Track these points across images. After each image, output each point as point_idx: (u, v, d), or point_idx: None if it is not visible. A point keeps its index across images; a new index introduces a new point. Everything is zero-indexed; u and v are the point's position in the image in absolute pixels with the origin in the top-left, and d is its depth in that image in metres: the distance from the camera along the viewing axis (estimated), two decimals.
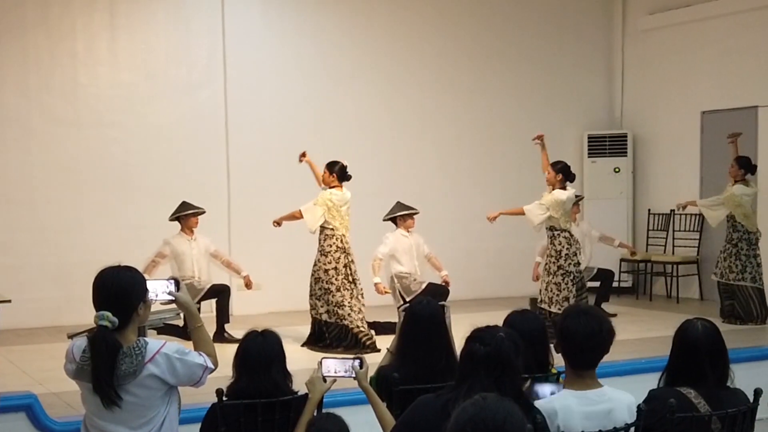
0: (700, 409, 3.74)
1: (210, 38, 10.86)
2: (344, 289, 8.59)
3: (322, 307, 8.59)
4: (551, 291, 8.86)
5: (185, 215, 9.00)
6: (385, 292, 9.13)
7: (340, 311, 8.54)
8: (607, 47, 13.06)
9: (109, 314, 3.36)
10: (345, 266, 8.63)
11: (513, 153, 12.34)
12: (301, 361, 7.37)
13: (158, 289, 3.60)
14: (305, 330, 8.87)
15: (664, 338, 4.04)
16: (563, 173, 8.93)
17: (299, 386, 4.08)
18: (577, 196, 10.65)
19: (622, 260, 12.11)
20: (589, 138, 12.73)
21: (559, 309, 8.46)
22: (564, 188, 8.93)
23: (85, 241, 10.13)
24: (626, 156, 12.68)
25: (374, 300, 9.56)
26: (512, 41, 12.42)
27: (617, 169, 12.68)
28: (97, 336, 3.36)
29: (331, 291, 8.58)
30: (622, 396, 3.65)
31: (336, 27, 11.49)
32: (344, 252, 8.66)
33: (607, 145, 12.70)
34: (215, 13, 10.84)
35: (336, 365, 4.03)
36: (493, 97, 12.29)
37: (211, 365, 3.55)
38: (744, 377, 4.18)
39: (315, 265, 8.67)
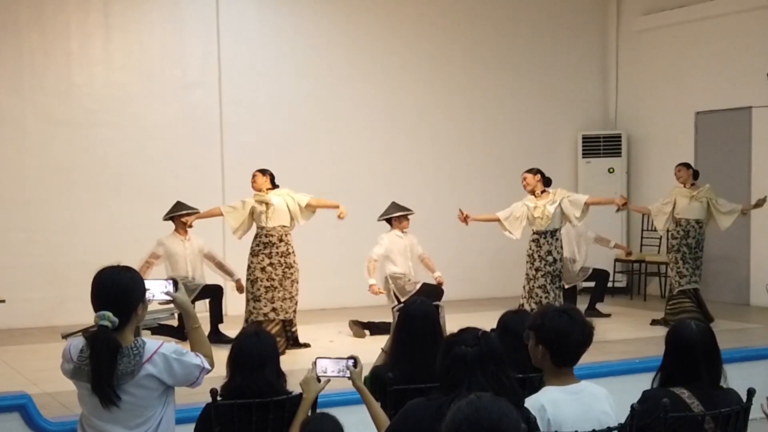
0: (693, 409, 3.76)
1: (204, 38, 10.85)
2: None
3: (290, 307, 8.54)
4: (538, 296, 8.85)
5: (179, 215, 8.99)
6: (380, 293, 9.13)
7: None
8: (601, 48, 13.08)
9: (110, 314, 3.36)
10: None
11: (508, 152, 12.36)
12: (295, 362, 7.39)
13: (156, 289, 3.61)
14: (305, 329, 8.87)
15: (659, 338, 4.06)
16: (542, 175, 9.07)
17: (293, 386, 4.09)
18: None
19: (616, 260, 12.13)
20: (583, 138, 12.75)
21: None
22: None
23: (78, 241, 10.11)
24: (620, 156, 12.70)
25: (369, 300, 9.58)
26: (508, 41, 12.43)
27: (611, 170, 12.70)
28: (98, 336, 3.36)
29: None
30: (597, 389, 3.68)
31: (331, 26, 11.49)
32: None
33: (601, 146, 12.72)
34: (210, 12, 10.84)
35: (330, 365, 4.03)
36: (488, 97, 12.30)
37: (207, 366, 3.56)
38: (737, 377, 4.20)
39: (291, 267, 8.55)
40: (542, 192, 9.00)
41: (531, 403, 3.49)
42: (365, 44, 11.64)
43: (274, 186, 8.77)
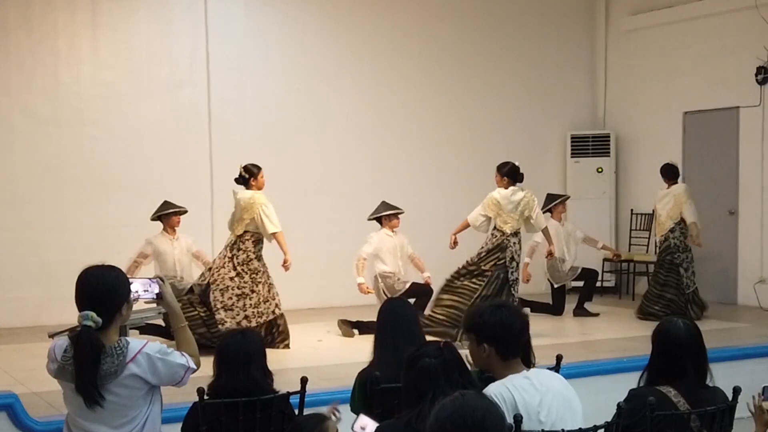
0: (679, 408, 3.77)
1: (192, 37, 10.82)
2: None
3: (278, 307, 8.48)
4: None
5: (167, 214, 8.97)
6: (369, 292, 9.13)
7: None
8: (590, 48, 13.10)
9: (94, 314, 3.35)
10: None
11: (497, 152, 12.28)
12: (283, 361, 7.39)
13: (141, 288, 3.60)
14: (293, 329, 8.84)
15: (647, 338, 4.07)
16: (509, 176, 8.74)
17: (280, 385, 4.09)
18: (562, 196, 10.68)
19: (605, 260, 12.15)
20: (572, 138, 12.77)
21: None
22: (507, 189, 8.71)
23: (66, 240, 10.08)
24: (609, 156, 12.73)
25: (358, 300, 9.57)
26: (496, 42, 12.44)
27: (600, 169, 12.72)
28: (81, 336, 3.35)
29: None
30: (548, 372, 3.72)
31: (320, 25, 11.47)
32: None
33: (590, 146, 12.75)
34: (198, 11, 10.81)
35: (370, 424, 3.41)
36: (477, 96, 12.31)
37: (193, 365, 3.55)
38: (724, 376, 4.22)
39: (262, 274, 8.38)
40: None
41: (496, 389, 3.48)
42: (353, 43, 11.63)
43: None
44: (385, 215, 9.38)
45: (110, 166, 10.39)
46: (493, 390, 3.48)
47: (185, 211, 9.10)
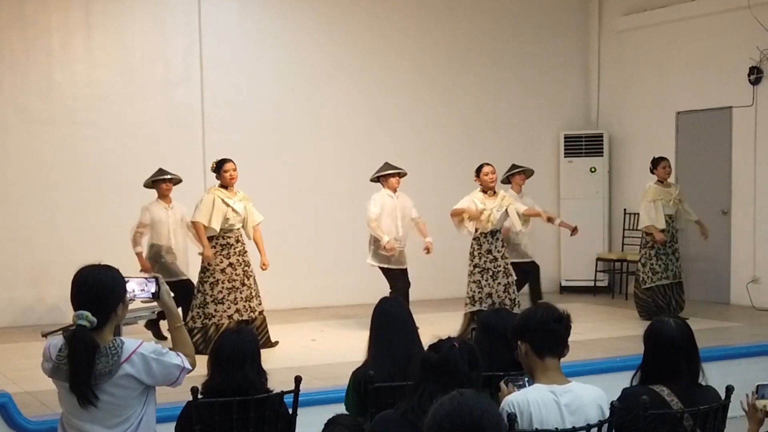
0: (672, 407, 3.78)
1: (186, 36, 10.81)
2: None
3: (258, 306, 8.47)
4: (472, 290, 8.83)
5: (162, 180, 8.94)
6: (395, 248, 9.07)
7: None
8: (583, 48, 13.13)
9: (89, 314, 3.35)
10: None
11: (491, 152, 12.33)
12: (277, 360, 7.39)
13: (138, 288, 3.59)
14: (287, 328, 8.86)
15: (640, 337, 4.08)
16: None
17: (274, 384, 4.09)
18: (525, 168, 10.45)
19: (598, 260, 12.18)
20: (565, 138, 12.78)
21: (486, 306, 8.40)
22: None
23: (59, 239, 10.07)
24: (602, 156, 12.75)
25: (351, 299, 9.59)
26: (490, 42, 12.45)
27: (593, 169, 12.75)
28: (76, 335, 3.35)
29: None
30: (590, 392, 3.66)
31: (314, 25, 11.47)
32: None
33: (583, 145, 12.77)
34: (192, 10, 10.80)
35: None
36: (471, 97, 12.32)
37: (188, 366, 3.55)
38: (717, 375, 4.24)
39: (249, 265, 8.43)
40: (493, 192, 8.98)
41: (517, 397, 3.51)
42: (348, 43, 11.62)
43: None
44: (383, 175, 9.31)
45: (104, 166, 10.38)
46: (512, 399, 3.51)
47: (179, 180, 9.08)
